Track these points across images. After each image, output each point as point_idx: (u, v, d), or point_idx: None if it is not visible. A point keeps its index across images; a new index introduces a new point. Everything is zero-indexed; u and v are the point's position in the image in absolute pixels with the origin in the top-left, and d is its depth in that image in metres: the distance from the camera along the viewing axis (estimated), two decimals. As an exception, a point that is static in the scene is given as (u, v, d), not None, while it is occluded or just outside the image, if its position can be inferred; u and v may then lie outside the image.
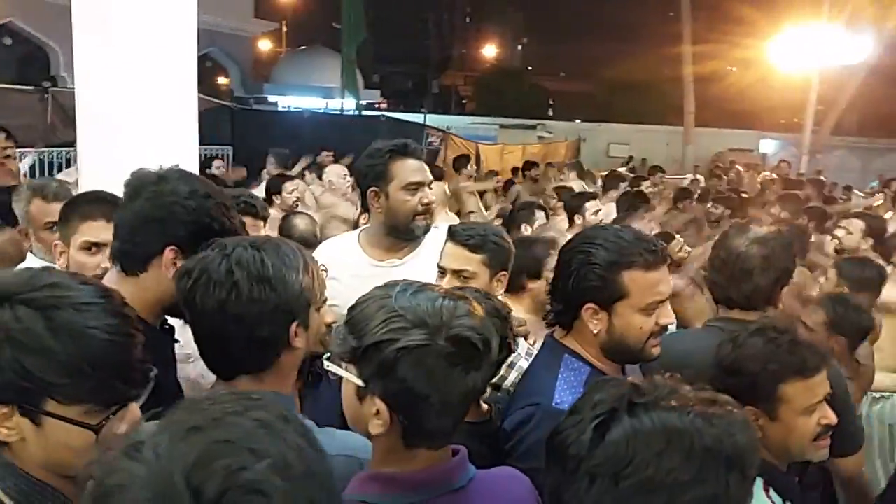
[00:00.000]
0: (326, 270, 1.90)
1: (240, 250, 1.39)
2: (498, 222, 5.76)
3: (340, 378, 1.24)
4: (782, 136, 26.30)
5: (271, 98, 21.88)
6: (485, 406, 1.88)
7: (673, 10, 24.83)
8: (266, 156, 7.55)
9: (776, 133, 27.22)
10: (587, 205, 4.83)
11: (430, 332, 1.15)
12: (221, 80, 23.28)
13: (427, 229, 2.45)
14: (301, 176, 6.82)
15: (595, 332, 1.67)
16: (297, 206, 5.28)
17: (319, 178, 7.48)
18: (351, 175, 5.66)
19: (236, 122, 12.75)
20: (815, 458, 1.73)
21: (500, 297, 2.17)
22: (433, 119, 21.43)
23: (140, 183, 1.61)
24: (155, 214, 1.56)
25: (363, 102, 23.34)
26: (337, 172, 5.69)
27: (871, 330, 2.82)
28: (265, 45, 33.83)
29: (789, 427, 1.69)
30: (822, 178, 13.42)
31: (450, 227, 2.31)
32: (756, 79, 25.65)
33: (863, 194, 11.57)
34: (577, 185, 7.65)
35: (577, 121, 27.22)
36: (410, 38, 45.29)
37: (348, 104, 16.70)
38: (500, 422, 1.80)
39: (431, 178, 2.46)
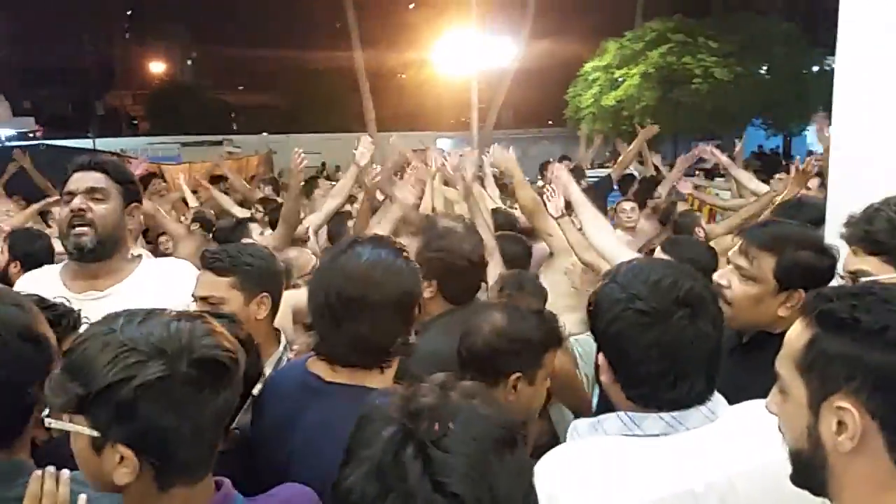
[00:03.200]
0: None
1: None
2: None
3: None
4: (455, 135, 28.77)
5: None
6: (233, 432, 1.75)
7: (340, 21, 25.71)
8: None
9: (449, 132, 29.70)
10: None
11: (169, 361, 1.04)
12: None
13: (80, 246, 2.14)
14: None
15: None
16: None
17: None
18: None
19: None
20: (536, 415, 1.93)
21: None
22: (104, 143, 19.63)
23: None
24: None
25: (13, 132, 20.51)
26: (-7, 209, 4.88)
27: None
28: None
29: (539, 391, 1.86)
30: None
31: (202, 252, 2.16)
32: (426, 84, 27.74)
33: (528, 179, 13.16)
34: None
35: (265, 133, 26.91)
36: (64, 58, 40.74)
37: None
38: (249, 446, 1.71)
39: (91, 185, 2.14)
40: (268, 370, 2.00)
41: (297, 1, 35.64)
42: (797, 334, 1.07)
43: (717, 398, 1.35)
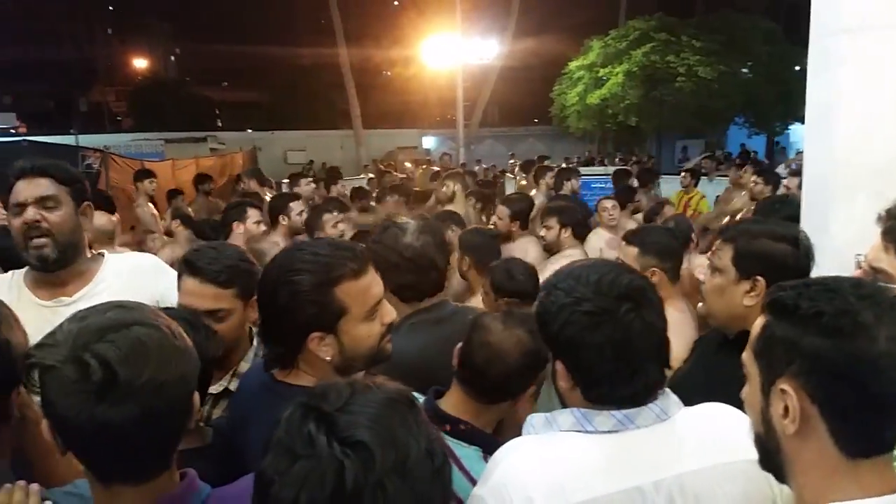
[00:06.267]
0: None
1: None
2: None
3: None
4: (440, 132, 28.83)
5: None
6: (206, 429, 1.80)
7: (324, 19, 25.65)
8: None
9: (434, 129, 29.73)
10: (291, 205, 4.67)
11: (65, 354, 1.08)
12: None
13: (42, 258, 2.09)
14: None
15: (328, 358, 1.54)
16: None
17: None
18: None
19: None
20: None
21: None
22: (87, 140, 19.36)
23: None
24: None
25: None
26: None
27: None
28: None
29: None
30: (480, 165, 15.00)
31: (188, 260, 2.02)
32: (411, 81, 27.73)
33: (513, 176, 13.14)
34: (261, 193, 7.55)
35: (249, 130, 26.79)
36: (45, 54, 40.31)
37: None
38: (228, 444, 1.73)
39: (41, 194, 2.09)
40: (246, 365, 2.04)
41: (281, 0, 35.49)
42: (757, 321, 1.13)
43: (671, 398, 1.37)
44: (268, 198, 6.91)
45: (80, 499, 1.26)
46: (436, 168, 12.96)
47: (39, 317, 1.81)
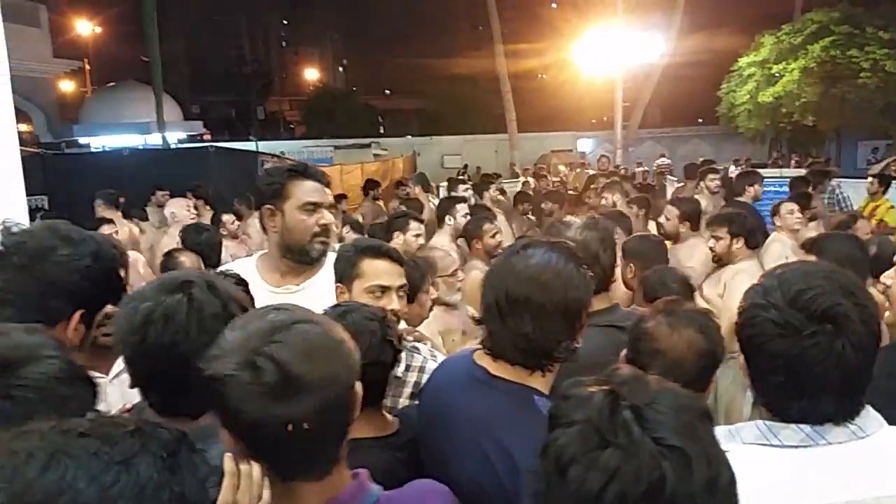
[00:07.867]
0: None
1: (221, 282, 1.43)
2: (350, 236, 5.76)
3: None
4: (596, 134, 28.27)
5: (82, 140, 20.42)
6: (391, 418, 1.82)
7: (482, 25, 25.99)
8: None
9: (590, 132, 29.21)
10: (457, 206, 4.99)
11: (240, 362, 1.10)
12: (23, 127, 21.45)
13: (324, 251, 2.34)
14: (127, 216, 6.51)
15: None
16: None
17: (143, 219, 7.05)
18: (196, 208, 5.65)
19: (48, 169, 11.67)
20: None
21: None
22: (264, 146, 20.97)
23: (36, 247, 1.54)
24: (66, 279, 1.53)
25: (184, 135, 22.46)
26: (180, 204, 5.54)
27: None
28: (68, 86, 31.54)
29: None
30: (640, 169, 14.58)
31: (371, 246, 2.22)
32: (566, 83, 27.42)
33: (675, 178, 12.65)
34: (423, 198, 7.87)
35: (409, 136, 27.74)
36: (227, 66, 44.12)
37: (170, 138, 15.98)
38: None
39: (331, 201, 2.40)
40: None
41: (442, 8, 36.48)
42: None
43: (870, 415, 1.27)
44: (431, 204, 7.18)
45: None
46: (590, 171, 12.75)
47: (269, 301, 2.01)
